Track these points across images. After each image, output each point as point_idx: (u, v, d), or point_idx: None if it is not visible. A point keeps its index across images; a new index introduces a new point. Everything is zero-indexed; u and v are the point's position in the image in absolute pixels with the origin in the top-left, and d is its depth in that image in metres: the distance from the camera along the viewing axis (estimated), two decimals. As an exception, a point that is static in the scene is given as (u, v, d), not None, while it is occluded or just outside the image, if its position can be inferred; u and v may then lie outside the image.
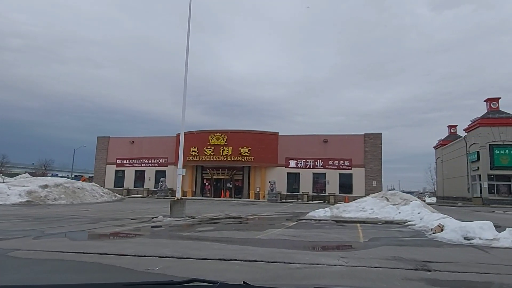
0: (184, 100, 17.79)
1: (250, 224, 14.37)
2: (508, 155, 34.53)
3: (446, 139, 51.02)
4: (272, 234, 10.77)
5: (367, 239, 9.96)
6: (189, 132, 38.50)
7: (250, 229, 12.72)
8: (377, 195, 18.55)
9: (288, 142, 36.61)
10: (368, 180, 34.65)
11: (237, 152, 35.71)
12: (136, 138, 41.30)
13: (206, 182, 38.76)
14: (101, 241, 8.95)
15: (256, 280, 4.59)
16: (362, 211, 16.90)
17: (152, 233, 10.90)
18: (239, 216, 18.07)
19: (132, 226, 12.59)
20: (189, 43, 17.58)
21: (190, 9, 17.30)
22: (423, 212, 15.14)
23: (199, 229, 12.22)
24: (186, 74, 17.57)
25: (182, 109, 17.72)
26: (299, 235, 10.62)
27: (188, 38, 17.57)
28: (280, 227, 13.14)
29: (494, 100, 37.19)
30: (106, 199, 30.95)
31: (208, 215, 18.38)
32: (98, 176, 41.38)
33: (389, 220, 15.40)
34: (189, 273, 5.01)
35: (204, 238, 9.74)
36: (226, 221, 15.43)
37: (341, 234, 11.20)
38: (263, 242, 9.15)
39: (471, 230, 9.59)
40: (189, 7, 17.27)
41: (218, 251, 7.41)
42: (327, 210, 17.31)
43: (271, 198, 33.66)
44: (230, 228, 12.79)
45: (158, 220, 14.84)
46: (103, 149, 41.80)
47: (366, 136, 35.45)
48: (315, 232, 11.52)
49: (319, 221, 15.34)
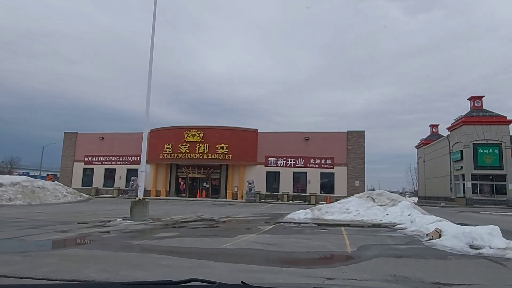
0: (149, 91, 15.83)
1: (221, 229, 12.53)
2: (492, 154, 33.83)
3: (428, 138, 50.40)
4: (243, 242, 8.98)
5: (355, 248, 8.30)
6: (163, 128, 36.38)
7: (219, 234, 10.89)
8: (363, 195, 17.02)
9: (267, 140, 34.87)
10: (351, 180, 33.28)
11: (214, 149, 33.75)
12: (106, 134, 38.66)
13: (181, 181, 36.61)
14: (19, 254, 6.94)
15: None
16: (346, 212, 15.31)
17: (96, 242, 8.93)
18: (211, 219, 16.22)
19: (78, 232, 10.56)
20: (154, 33, 15.86)
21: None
22: (414, 214, 13.65)
23: (158, 235, 10.32)
24: (150, 66, 15.79)
25: (146, 101, 15.74)
26: (275, 243, 8.87)
27: (154, 29, 15.79)
28: (254, 231, 11.37)
29: (478, 98, 36.48)
30: (70, 199, 28.46)
31: (176, 218, 16.43)
32: (64, 174, 38.57)
33: (376, 223, 13.85)
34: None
35: (157, 249, 7.87)
36: (194, 225, 13.55)
37: (324, 241, 9.51)
38: (229, 254, 7.35)
39: (478, 237, 8.04)
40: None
41: (164, 270, 5.57)
42: (308, 212, 15.65)
43: (249, 198, 31.87)
44: (196, 233, 10.93)
45: (114, 224, 12.83)
46: (70, 145, 38.98)
47: (349, 133, 34.08)
48: (294, 239, 9.79)
49: (299, 225, 13.64)
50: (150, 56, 15.73)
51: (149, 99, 15.83)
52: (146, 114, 15.87)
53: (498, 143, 33.91)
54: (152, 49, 15.77)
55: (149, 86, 15.86)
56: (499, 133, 33.95)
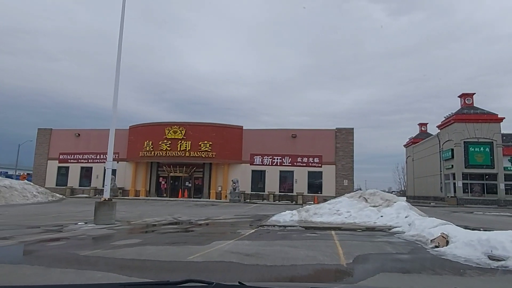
0: (117, 80, 14.16)
1: (195, 233, 10.95)
2: (483, 152, 32.93)
3: (417, 137, 49.57)
4: (216, 252, 7.44)
5: (350, 259, 6.85)
6: (143, 124, 34.52)
7: (190, 241, 9.32)
8: (354, 195, 15.63)
9: (253, 137, 33.26)
10: (339, 179, 31.95)
11: (197, 147, 32.00)
12: (83, 131, 36.43)
13: (162, 181, 34.72)
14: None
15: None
16: (336, 214, 13.89)
17: (32, 254, 7.29)
18: (188, 221, 14.64)
19: (19, 239, 8.87)
20: (123, 21, 14.21)
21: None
22: (412, 216, 12.31)
23: (117, 243, 8.70)
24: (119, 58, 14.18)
25: (114, 92, 14.08)
26: (255, 253, 7.36)
27: (123, 18, 14.15)
28: (232, 237, 9.84)
29: (469, 95, 35.55)
30: (40, 199, 26.46)
31: (149, 220, 14.79)
32: (38, 173, 36.23)
33: (370, 225, 12.46)
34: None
35: (106, 262, 6.27)
36: (166, 229, 11.95)
37: (313, 249, 8.04)
38: (192, 270, 5.81)
39: (498, 246, 6.66)
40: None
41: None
42: (295, 214, 14.18)
43: (234, 198, 30.26)
44: (163, 240, 9.33)
45: (71, 229, 11.15)
46: (44, 142, 36.63)
47: (337, 131, 32.71)
48: (277, 246, 8.29)
49: (285, 228, 12.17)
50: (119, 45, 14.11)
51: (117, 91, 14.18)
52: (113, 109, 14.20)
53: (490, 141, 33.05)
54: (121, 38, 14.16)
55: (118, 74, 14.21)
56: (490, 131, 33.09)
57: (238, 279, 4.76)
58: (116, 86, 13.94)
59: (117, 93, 13.91)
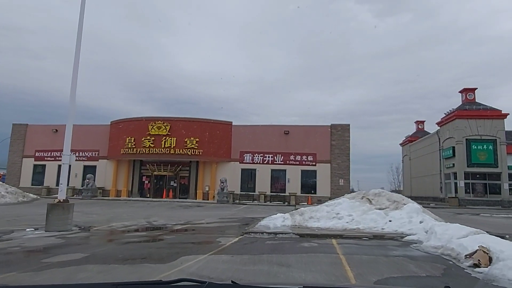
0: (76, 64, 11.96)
1: (162, 244, 8.77)
2: (486, 150, 31.12)
3: (414, 135, 47.80)
4: (178, 275, 5.26)
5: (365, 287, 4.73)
6: (124, 119, 32.14)
7: (151, 257, 7.16)
8: (356, 196, 13.58)
9: (243, 134, 31.10)
10: (335, 178, 29.94)
11: (183, 143, 29.75)
12: (61, 126, 33.75)
13: (146, 180, 32.35)
14: None
15: None
16: (336, 218, 11.83)
17: None
18: (163, 226, 12.50)
19: None
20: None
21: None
22: (428, 221, 10.29)
23: (51, 259, 6.53)
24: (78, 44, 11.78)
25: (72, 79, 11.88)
26: (231, 277, 5.22)
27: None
28: (208, 250, 7.72)
29: (470, 90, 33.74)
30: (8, 200, 24.01)
31: (117, 225, 12.59)
32: (12, 171, 33.63)
33: (378, 232, 10.42)
34: None
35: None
36: (129, 238, 9.78)
37: (312, 268, 5.95)
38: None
39: None
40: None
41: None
42: (287, 217, 12.09)
43: (222, 199, 28.09)
44: (117, 255, 7.16)
45: (13, 237, 8.95)
46: (19, 139, 34.03)
47: (333, 127, 30.68)
48: (264, 266, 6.19)
49: (275, 236, 10.06)
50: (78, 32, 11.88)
51: (76, 77, 11.95)
52: (71, 99, 11.99)
53: (493, 139, 31.25)
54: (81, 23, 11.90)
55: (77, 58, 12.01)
56: (493, 128, 31.32)
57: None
58: (75, 64, 11.73)
59: (76, 74, 11.70)
